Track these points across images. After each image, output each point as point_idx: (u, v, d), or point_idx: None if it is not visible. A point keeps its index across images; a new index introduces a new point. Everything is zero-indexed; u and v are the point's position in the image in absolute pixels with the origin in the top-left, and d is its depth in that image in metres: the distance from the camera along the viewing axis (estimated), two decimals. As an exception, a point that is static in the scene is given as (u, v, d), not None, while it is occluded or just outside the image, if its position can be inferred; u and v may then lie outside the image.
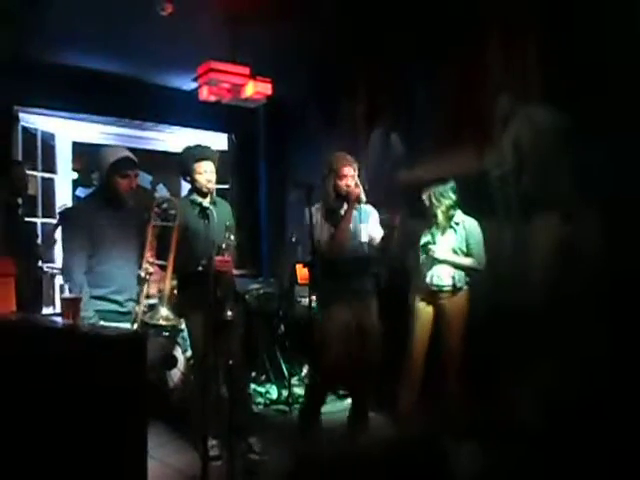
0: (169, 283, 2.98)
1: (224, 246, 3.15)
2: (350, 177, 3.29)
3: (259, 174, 6.07)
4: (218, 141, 5.87)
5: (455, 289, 3.53)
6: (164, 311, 2.93)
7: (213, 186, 3.27)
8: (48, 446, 1.94)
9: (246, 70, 4.11)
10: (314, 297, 3.41)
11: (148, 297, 3.08)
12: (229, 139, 5.97)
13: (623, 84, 3.02)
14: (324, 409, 3.55)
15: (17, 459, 2.02)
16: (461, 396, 3.47)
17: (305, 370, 4.68)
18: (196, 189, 3.28)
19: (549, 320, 3.31)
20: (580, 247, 3.26)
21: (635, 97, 2.95)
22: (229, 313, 3.08)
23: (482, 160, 3.83)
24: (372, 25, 4.14)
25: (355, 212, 3.34)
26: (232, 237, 3.22)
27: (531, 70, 3.54)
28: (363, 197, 3.29)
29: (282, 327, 4.69)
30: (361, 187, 3.29)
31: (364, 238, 3.41)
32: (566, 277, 3.31)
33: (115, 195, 2.99)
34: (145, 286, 2.93)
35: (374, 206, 3.50)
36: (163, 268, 3.01)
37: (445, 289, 3.54)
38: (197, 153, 3.27)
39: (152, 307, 3.12)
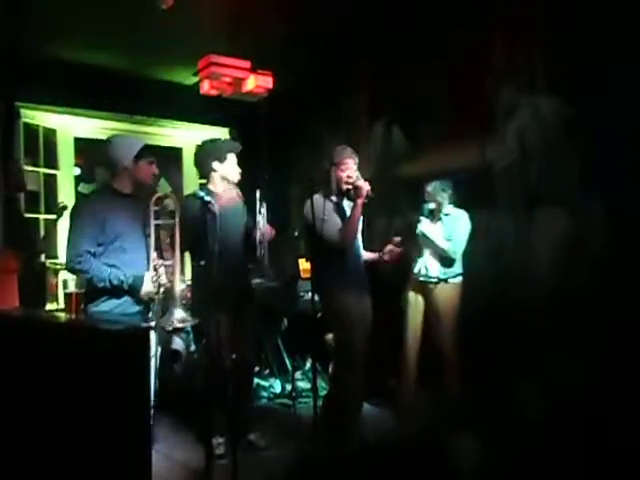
0: (178, 283, 2.80)
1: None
2: (351, 169, 3.22)
3: (261, 168, 6.04)
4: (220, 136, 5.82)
5: (440, 280, 3.63)
6: (179, 313, 2.73)
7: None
8: (52, 441, 1.95)
9: (247, 64, 4.10)
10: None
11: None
12: (231, 133, 5.95)
13: (629, 75, 2.99)
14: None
15: (21, 454, 2.02)
16: (457, 390, 3.52)
17: (308, 364, 4.69)
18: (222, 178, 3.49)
19: (554, 315, 3.30)
20: (585, 241, 3.24)
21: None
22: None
23: (486, 153, 3.81)
24: (373, 17, 4.11)
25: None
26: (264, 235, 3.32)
27: (536, 60, 3.51)
28: (365, 191, 3.10)
29: (285, 321, 4.70)
30: (362, 181, 3.14)
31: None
32: (570, 271, 3.30)
33: (141, 183, 2.99)
34: (160, 289, 2.84)
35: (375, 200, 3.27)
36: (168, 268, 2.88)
37: (431, 280, 3.64)
38: (224, 147, 3.45)
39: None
